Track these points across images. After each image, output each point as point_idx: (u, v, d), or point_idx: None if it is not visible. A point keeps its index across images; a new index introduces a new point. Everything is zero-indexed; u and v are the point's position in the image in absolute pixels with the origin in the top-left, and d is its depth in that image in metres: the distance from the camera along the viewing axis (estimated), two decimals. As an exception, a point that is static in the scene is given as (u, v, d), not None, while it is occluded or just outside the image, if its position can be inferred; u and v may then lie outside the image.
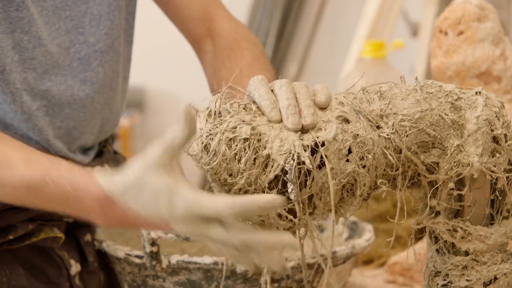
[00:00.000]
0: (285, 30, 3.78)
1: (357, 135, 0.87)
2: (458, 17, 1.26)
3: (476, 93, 0.93)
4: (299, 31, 3.82)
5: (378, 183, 0.89)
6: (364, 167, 0.88)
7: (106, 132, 1.24)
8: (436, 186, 0.91)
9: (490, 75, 1.26)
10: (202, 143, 0.88)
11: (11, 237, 1.12)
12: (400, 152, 0.89)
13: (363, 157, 0.87)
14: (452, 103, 0.91)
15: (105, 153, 1.25)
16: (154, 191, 0.84)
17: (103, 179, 0.88)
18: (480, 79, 1.26)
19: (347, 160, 0.87)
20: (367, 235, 1.24)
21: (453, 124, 0.91)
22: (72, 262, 1.20)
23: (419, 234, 1.51)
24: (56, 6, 1.13)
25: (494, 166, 0.91)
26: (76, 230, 1.23)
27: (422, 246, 1.37)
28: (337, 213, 0.93)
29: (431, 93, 0.91)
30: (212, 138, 0.87)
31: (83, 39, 1.17)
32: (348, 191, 0.89)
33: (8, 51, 1.08)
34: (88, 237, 1.23)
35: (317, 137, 0.86)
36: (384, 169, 0.89)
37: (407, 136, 0.89)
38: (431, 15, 2.47)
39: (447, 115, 0.91)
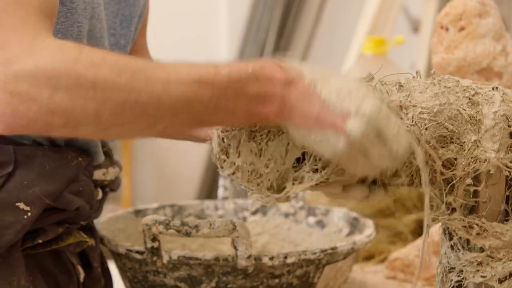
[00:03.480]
0: (286, 27, 3.78)
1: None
2: (459, 13, 1.26)
3: (493, 88, 0.92)
4: (299, 27, 3.82)
5: (400, 170, 0.88)
6: None
7: None
8: (453, 182, 0.90)
9: (491, 71, 1.26)
10: (221, 144, 0.86)
11: (40, 241, 1.06)
12: (418, 145, 0.88)
13: None
14: (469, 98, 0.90)
15: (109, 153, 1.23)
16: (348, 87, 0.84)
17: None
18: (481, 75, 1.26)
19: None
20: (368, 231, 1.24)
21: (471, 119, 0.90)
22: (79, 268, 1.15)
23: (420, 230, 1.52)
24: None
25: (510, 162, 0.90)
26: None
27: (423, 242, 1.37)
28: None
29: (449, 88, 0.90)
30: (229, 137, 0.85)
31: (114, 41, 1.15)
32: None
33: (83, 37, 1.04)
34: (92, 241, 1.17)
35: None
36: (408, 158, 0.88)
37: (426, 129, 0.88)
38: (432, 11, 2.47)
39: (464, 110, 0.89)
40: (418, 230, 1.52)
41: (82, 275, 1.15)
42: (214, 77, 0.83)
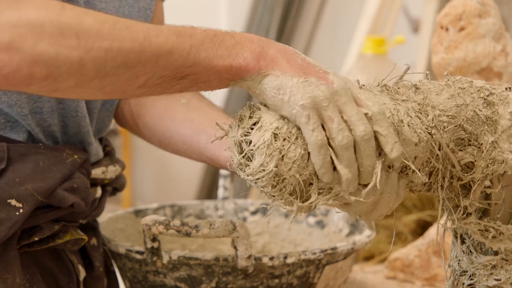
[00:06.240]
0: (286, 26, 3.78)
1: (402, 120, 0.84)
2: (459, 13, 1.26)
3: (506, 88, 0.91)
4: (300, 27, 3.82)
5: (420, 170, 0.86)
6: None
7: (103, 129, 1.22)
8: (471, 185, 0.88)
9: (491, 71, 1.26)
10: (241, 151, 0.85)
11: (36, 238, 1.06)
12: (440, 149, 0.86)
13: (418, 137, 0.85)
14: (484, 99, 0.89)
15: (111, 152, 1.23)
16: None
17: None
18: (481, 75, 1.26)
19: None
20: (368, 231, 1.24)
21: (487, 120, 0.89)
22: (80, 267, 1.15)
23: (420, 230, 1.52)
24: None
25: None
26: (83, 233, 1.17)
27: (423, 242, 1.37)
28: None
29: (464, 89, 0.89)
30: (251, 141, 0.83)
31: None
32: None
33: None
34: (94, 241, 1.17)
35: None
36: (429, 158, 0.86)
37: (445, 132, 0.87)
38: (432, 11, 2.47)
39: (480, 111, 0.88)
40: (418, 230, 1.52)
41: (82, 274, 1.15)
42: (192, 31, 0.87)
